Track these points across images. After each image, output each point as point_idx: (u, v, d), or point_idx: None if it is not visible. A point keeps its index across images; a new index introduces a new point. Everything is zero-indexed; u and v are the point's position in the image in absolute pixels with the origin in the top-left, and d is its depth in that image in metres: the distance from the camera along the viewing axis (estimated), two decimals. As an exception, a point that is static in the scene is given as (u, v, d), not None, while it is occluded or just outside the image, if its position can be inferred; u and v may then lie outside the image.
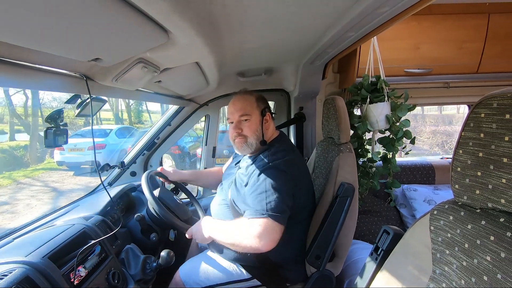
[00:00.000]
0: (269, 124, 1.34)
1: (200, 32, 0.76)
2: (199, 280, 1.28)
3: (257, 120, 1.30)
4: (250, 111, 1.30)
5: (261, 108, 1.32)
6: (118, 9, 0.51)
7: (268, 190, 1.13)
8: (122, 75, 0.89)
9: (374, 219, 2.14)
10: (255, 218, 1.09)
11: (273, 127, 1.38)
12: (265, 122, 1.32)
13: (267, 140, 1.31)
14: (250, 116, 1.29)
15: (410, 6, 0.74)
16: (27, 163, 7.88)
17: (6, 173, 7.80)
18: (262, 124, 1.30)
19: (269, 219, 1.08)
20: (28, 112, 5.72)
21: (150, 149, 1.92)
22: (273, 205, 1.10)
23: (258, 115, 1.30)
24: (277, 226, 1.09)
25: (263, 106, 1.33)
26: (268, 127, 1.33)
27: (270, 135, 1.35)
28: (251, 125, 1.29)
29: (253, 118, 1.30)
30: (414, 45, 1.79)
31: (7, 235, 1.09)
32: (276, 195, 1.12)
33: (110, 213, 1.34)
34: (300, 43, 1.20)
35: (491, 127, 0.51)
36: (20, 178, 7.53)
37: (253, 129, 1.29)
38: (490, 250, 0.52)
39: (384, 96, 1.68)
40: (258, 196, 1.13)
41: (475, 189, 0.56)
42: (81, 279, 0.92)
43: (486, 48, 1.78)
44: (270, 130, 1.35)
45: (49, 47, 0.60)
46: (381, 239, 0.86)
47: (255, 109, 1.31)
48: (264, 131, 1.30)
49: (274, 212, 1.09)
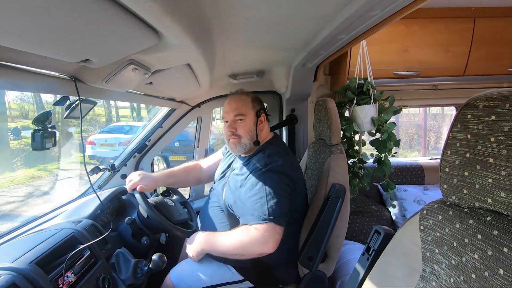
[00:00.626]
0: (263, 125, 1.34)
1: (191, 33, 0.75)
2: (190, 282, 1.26)
3: (252, 120, 1.30)
4: (245, 111, 1.30)
5: (257, 109, 1.32)
6: (108, 9, 0.50)
7: (268, 194, 1.13)
8: (113, 77, 0.87)
9: (365, 219, 2.16)
10: (258, 224, 1.11)
11: (267, 129, 1.39)
12: (260, 123, 1.32)
13: (261, 141, 1.32)
14: (245, 116, 1.30)
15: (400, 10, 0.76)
16: (56, 157, 7.85)
17: (41, 165, 7.79)
18: (256, 125, 1.30)
19: (271, 224, 1.11)
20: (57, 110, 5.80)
21: (141, 151, 1.89)
22: (274, 209, 1.12)
23: (253, 115, 1.31)
24: (279, 229, 1.12)
25: (258, 107, 1.33)
26: (262, 128, 1.33)
27: (265, 136, 1.35)
28: (246, 125, 1.29)
29: (247, 119, 1.30)
30: (403, 48, 1.82)
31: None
32: (277, 199, 1.13)
33: (100, 217, 1.32)
34: (291, 45, 1.21)
35: (478, 128, 0.53)
36: (55, 170, 7.60)
37: (247, 129, 1.29)
38: (478, 249, 0.53)
39: (370, 98, 1.70)
40: (259, 201, 1.13)
41: (463, 188, 0.57)
42: (70, 285, 0.90)
43: (472, 51, 1.82)
44: (264, 132, 1.35)
45: (37, 48, 0.58)
46: (373, 239, 0.86)
47: (250, 109, 1.31)
48: (259, 132, 1.31)
49: (275, 216, 1.11)
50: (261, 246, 1.11)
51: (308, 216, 1.33)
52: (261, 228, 1.11)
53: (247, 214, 1.15)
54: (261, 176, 1.17)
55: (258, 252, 1.13)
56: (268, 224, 1.10)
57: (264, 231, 1.10)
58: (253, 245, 1.11)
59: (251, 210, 1.14)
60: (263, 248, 1.11)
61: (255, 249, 1.12)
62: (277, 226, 1.11)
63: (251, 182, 1.18)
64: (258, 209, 1.12)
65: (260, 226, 1.11)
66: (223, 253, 1.20)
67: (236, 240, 1.14)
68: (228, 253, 1.18)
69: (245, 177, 1.23)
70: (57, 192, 5.91)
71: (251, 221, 1.13)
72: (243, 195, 1.19)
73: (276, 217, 1.11)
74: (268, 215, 1.11)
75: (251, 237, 1.11)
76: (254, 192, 1.15)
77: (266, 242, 1.10)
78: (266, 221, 1.10)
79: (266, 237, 1.10)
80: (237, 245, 1.14)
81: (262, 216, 1.11)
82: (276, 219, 1.11)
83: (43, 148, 0.97)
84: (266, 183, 1.15)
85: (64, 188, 5.83)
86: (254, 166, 1.22)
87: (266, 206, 1.12)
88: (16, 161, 7.88)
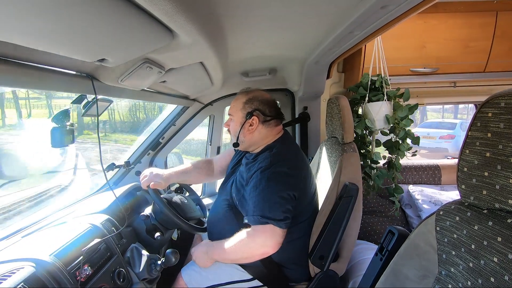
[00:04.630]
0: (254, 127, 1.29)
1: (204, 32, 0.76)
2: (199, 281, 1.28)
3: (238, 121, 1.32)
4: (233, 112, 1.34)
5: (247, 111, 1.30)
6: (124, 10, 0.51)
7: (271, 195, 1.13)
8: (128, 75, 0.89)
9: (379, 219, 2.13)
10: (258, 225, 1.12)
11: (266, 131, 1.32)
12: (250, 125, 1.29)
13: (262, 142, 1.32)
14: (233, 116, 1.34)
15: (416, 5, 0.74)
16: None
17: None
18: (242, 126, 1.30)
19: (271, 226, 1.11)
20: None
21: (154, 149, 1.93)
22: (275, 211, 1.11)
23: (240, 117, 1.31)
24: (279, 231, 1.12)
25: (250, 109, 1.30)
26: (252, 131, 1.30)
27: (263, 137, 1.32)
28: (233, 125, 1.34)
29: (235, 119, 1.33)
30: (420, 44, 1.77)
31: (15, 233, 1.11)
32: (278, 201, 1.12)
33: (116, 212, 1.35)
34: (304, 42, 1.19)
35: (499, 126, 0.51)
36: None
37: (233, 129, 1.34)
38: (497, 251, 0.51)
39: (383, 95, 1.66)
40: (260, 202, 1.13)
41: (482, 189, 0.55)
42: (86, 277, 0.93)
43: (494, 46, 1.75)
44: (259, 134, 1.31)
45: (56, 48, 0.60)
46: (386, 240, 0.85)
47: (239, 111, 1.32)
48: (245, 134, 1.30)
49: (276, 218, 1.11)
50: (261, 248, 1.12)
51: (320, 215, 1.32)
52: (260, 230, 1.12)
53: (249, 214, 1.15)
54: (264, 176, 1.16)
55: (259, 253, 1.14)
56: (267, 226, 1.11)
57: (263, 233, 1.11)
58: (253, 247, 1.13)
59: (252, 210, 1.14)
60: (263, 249, 1.12)
61: (255, 251, 1.14)
62: (277, 228, 1.11)
63: (254, 181, 1.18)
64: (259, 210, 1.12)
65: (259, 227, 1.12)
66: (229, 260, 1.22)
67: (237, 245, 1.16)
68: (233, 259, 1.20)
69: (250, 175, 1.22)
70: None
71: (252, 222, 1.14)
72: (247, 193, 1.20)
73: (276, 219, 1.11)
74: (269, 218, 1.11)
75: (251, 239, 1.13)
76: (257, 193, 1.15)
77: (265, 244, 1.12)
78: (266, 223, 1.11)
79: (265, 239, 1.11)
80: (239, 249, 1.15)
81: (262, 218, 1.11)
82: (276, 221, 1.11)
83: (63, 144, 1.01)
84: (268, 183, 1.14)
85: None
86: (259, 165, 1.21)
87: (267, 208, 1.12)
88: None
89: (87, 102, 1.04)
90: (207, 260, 1.24)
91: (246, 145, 1.34)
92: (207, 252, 1.24)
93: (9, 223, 1.37)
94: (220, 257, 1.21)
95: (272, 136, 1.34)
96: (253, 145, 1.34)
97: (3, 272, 0.77)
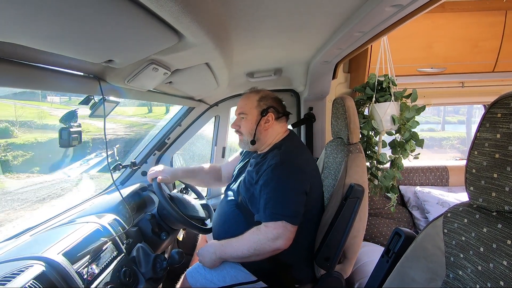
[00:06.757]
0: (270, 124, 1.33)
1: (210, 33, 0.76)
2: (203, 283, 1.28)
3: (253, 119, 1.33)
4: (247, 110, 1.34)
5: (262, 108, 1.32)
6: (130, 11, 0.52)
7: (282, 191, 1.14)
8: (135, 76, 0.90)
9: (385, 221, 2.10)
10: (270, 222, 1.13)
11: (278, 127, 1.36)
12: (266, 122, 1.32)
13: (271, 140, 1.33)
14: (247, 115, 1.34)
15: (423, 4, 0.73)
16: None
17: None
18: (257, 124, 1.31)
19: (283, 222, 1.11)
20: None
21: (160, 149, 1.94)
22: (287, 207, 1.12)
23: (255, 115, 1.33)
24: (291, 227, 1.13)
25: (265, 106, 1.33)
26: (268, 127, 1.33)
27: (275, 135, 1.35)
28: (247, 123, 1.34)
29: (249, 117, 1.33)
30: (427, 43, 1.75)
31: (24, 232, 1.13)
32: (290, 197, 1.13)
33: (122, 212, 1.37)
34: (310, 42, 1.19)
35: (509, 127, 0.50)
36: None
37: (248, 127, 1.34)
38: (507, 255, 0.50)
39: (390, 95, 1.65)
40: (272, 199, 1.14)
41: (491, 191, 0.54)
42: (93, 276, 0.94)
43: (503, 46, 1.72)
44: (272, 131, 1.34)
45: (64, 49, 0.61)
46: (393, 242, 0.84)
47: (254, 108, 1.33)
48: (261, 131, 1.32)
49: (288, 214, 1.12)
50: (273, 244, 1.12)
51: (325, 215, 1.31)
52: (272, 226, 1.12)
53: (261, 211, 1.16)
54: (275, 173, 1.17)
55: (271, 249, 1.13)
56: (280, 222, 1.11)
57: (276, 229, 1.11)
58: (265, 242, 1.12)
59: (264, 207, 1.14)
60: (275, 245, 1.12)
61: (267, 247, 1.13)
62: (289, 225, 1.12)
63: (265, 179, 1.18)
64: (271, 207, 1.13)
65: (272, 224, 1.12)
66: (239, 258, 1.20)
67: (249, 241, 1.16)
68: (243, 256, 1.19)
69: (260, 173, 1.23)
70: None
71: (263, 218, 1.14)
72: (257, 191, 1.20)
73: (288, 215, 1.11)
74: (280, 214, 1.11)
75: (263, 236, 1.13)
76: (268, 190, 1.15)
77: (277, 240, 1.11)
78: (279, 219, 1.11)
79: (278, 235, 1.11)
80: (251, 246, 1.15)
81: (274, 214, 1.12)
82: (288, 217, 1.11)
83: (70, 145, 1.02)
84: (280, 180, 1.15)
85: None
86: (269, 163, 1.22)
87: (279, 204, 1.12)
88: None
89: (94, 103, 1.05)
90: (216, 260, 1.24)
91: (261, 143, 1.35)
92: (215, 252, 1.24)
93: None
94: (230, 256, 1.21)
95: (281, 134, 1.35)
96: (264, 144, 1.35)
97: (13, 270, 0.79)
